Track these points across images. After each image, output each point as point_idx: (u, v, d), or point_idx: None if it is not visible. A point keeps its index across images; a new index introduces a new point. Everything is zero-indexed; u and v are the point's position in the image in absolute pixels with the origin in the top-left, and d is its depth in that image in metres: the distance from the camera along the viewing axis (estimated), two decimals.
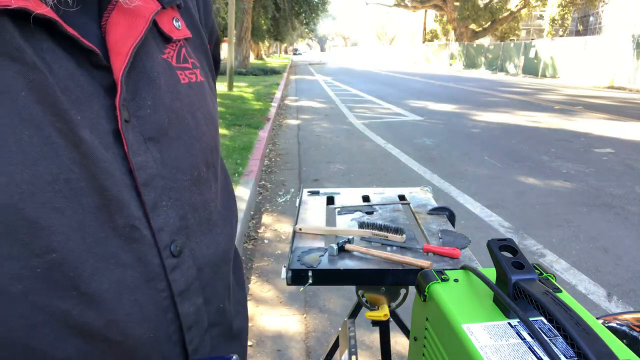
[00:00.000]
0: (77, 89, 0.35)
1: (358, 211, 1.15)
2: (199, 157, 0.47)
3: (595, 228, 3.36)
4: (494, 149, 5.89)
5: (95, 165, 0.35)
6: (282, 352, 1.94)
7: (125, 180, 0.38)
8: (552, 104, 10.74)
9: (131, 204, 0.38)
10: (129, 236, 0.38)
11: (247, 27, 17.25)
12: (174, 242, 0.42)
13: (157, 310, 0.41)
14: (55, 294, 0.34)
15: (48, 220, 0.32)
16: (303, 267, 0.86)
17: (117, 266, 0.37)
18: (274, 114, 7.84)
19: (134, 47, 0.39)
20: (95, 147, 0.35)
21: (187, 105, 0.46)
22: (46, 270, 0.33)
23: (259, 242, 3.01)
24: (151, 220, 0.40)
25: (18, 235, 0.31)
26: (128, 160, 0.38)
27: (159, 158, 0.41)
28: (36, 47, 0.33)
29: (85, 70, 0.36)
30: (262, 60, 31.23)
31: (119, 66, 0.38)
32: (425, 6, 35.69)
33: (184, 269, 0.43)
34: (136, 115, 0.39)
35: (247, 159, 4.47)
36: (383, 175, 4.62)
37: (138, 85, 0.40)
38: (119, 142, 0.38)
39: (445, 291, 0.50)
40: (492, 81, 18.93)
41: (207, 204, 0.49)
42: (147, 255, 0.40)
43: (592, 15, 35.14)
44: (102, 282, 0.36)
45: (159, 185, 0.41)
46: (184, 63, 0.47)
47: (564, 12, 23.56)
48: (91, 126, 0.36)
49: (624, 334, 0.80)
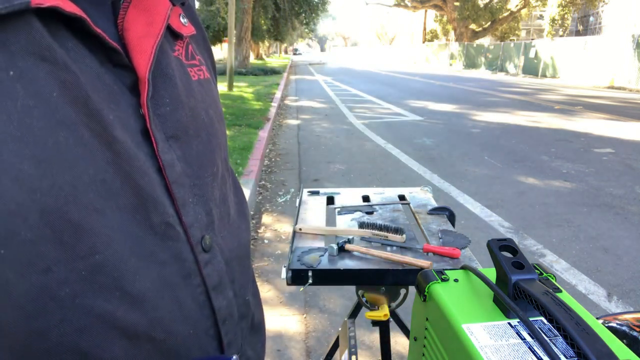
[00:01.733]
0: (105, 88, 0.35)
1: (358, 211, 1.15)
2: (216, 153, 0.47)
3: (595, 228, 3.36)
4: (494, 149, 5.89)
5: (129, 165, 0.35)
6: (282, 352, 1.94)
7: (157, 178, 0.38)
8: (552, 104, 10.74)
9: (165, 201, 0.38)
10: (164, 234, 0.38)
11: (247, 27, 17.25)
12: (204, 238, 0.42)
13: (195, 306, 0.42)
14: (100, 296, 0.34)
15: (90, 222, 0.32)
16: (303, 267, 0.86)
17: (156, 264, 0.38)
18: (274, 114, 7.84)
19: (157, 44, 0.38)
20: (128, 146, 0.35)
21: (200, 103, 0.46)
22: (91, 272, 0.33)
23: (259, 242, 3.01)
24: (183, 217, 0.40)
25: (64, 238, 0.31)
26: (157, 158, 0.38)
27: (181, 156, 0.41)
28: (62, 46, 0.32)
29: (108, 69, 0.36)
30: (262, 60, 31.24)
31: (143, 65, 0.37)
32: (425, 6, 35.70)
33: (215, 263, 0.44)
34: (156, 114, 0.39)
35: (247, 159, 4.47)
36: (383, 175, 4.62)
37: (156, 83, 0.40)
38: (147, 141, 0.38)
39: (445, 291, 0.50)
40: (492, 81, 18.93)
41: (226, 198, 0.50)
42: (182, 252, 0.40)
43: (592, 15, 35.14)
44: (145, 282, 0.36)
45: (185, 182, 0.41)
46: (192, 60, 0.47)
47: (564, 12, 23.56)
48: (122, 125, 0.35)
49: (624, 334, 0.80)
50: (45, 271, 0.30)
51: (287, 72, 20.83)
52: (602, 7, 30.10)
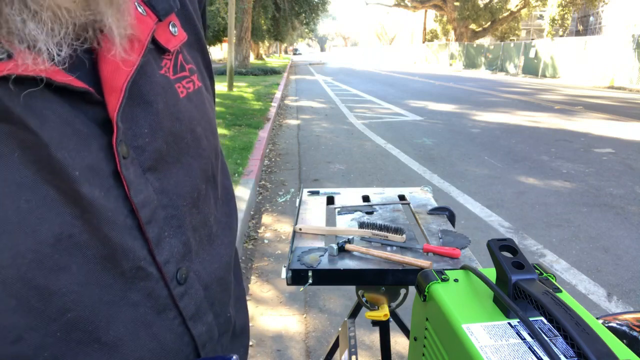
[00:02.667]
0: (74, 135, 0.33)
1: (358, 211, 1.15)
2: (198, 177, 0.45)
3: (595, 228, 3.36)
4: (494, 149, 5.89)
5: (97, 218, 0.34)
6: (282, 352, 1.94)
7: (128, 222, 0.36)
8: (552, 104, 10.74)
9: (135, 246, 0.37)
10: (135, 277, 0.37)
11: (247, 27, 17.25)
12: (179, 271, 0.41)
13: (174, 338, 0.41)
14: (80, 352, 0.33)
15: (57, 282, 0.32)
16: (303, 267, 0.86)
17: (128, 307, 0.37)
18: (274, 114, 7.84)
19: (128, 81, 0.35)
20: (96, 199, 0.33)
21: (187, 123, 0.43)
22: (65, 331, 0.32)
23: (259, 242, 3.01)
24: (156, 257, 0.39)
25: (31, 304, 0.30)
26: (129, 200, 0.36)
27: (158, 187, 0.40)
28: (25, 97, 0.30)
29: (80, 110, 0.34)
30: (262, 60, 31.23)
31: (113, 104, 0.35)
32: (425, 6, 35.69)
33: (191, 293, 0.43)
34: (134, 146, 0.37)
35: (247, 159, 4.47)
36: (383, 175, 4.62)
37: (134, 113, 0.38)
38: (120, 182, 0.36)
39: (445, 291, 0.49)
40: (492, 81, 18.92)
41: (207, 220, 0.48)
42: (154, 289, 0.39)
43: (592, 15, 35.14)
44: (119, 327, 0.36)
45: (160, 217, 0.40)
46: (181, 72, 0.44)
47: (564, 12, 23.55)
48: (90, 176, 0.33)
49: (624, 334, 0.80)
50: (17, 340, 0.30)
51: (287, 72, 20.83)
52: (602, 7, 30.09)
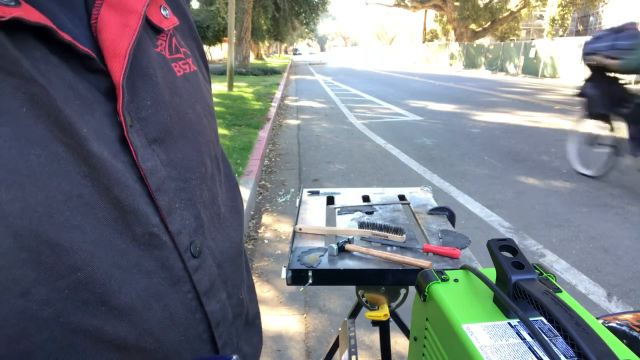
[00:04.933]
0: (77, 98, 0.33)
1: (358, 211, 1.15)
2: (204, 153, 0.46)
3: (595, 228, 3.36)
4: (494, 149, 5.89)
5: (107, 178, 0.34)
6: (282, 352, 1.94)
7: (138, 188, 0.37)
8: (552, 104, 10.74)
9: (147, 211, 0.37)
10: (149, 244, 0.37)
11: (247, 27, 17.25)
12: (192, 243, 0.42)
13: (186, 313, 0.41)
14: (85, 313, 0.33)
15: (69, 239, 0.32)
16: (303, 267, 0.86)
17: (142, 275, 0.37)
18: (274, 114, 7.84)
19: (131, 47, 0.36)
20: (105, 158, 0.34)
21: (186, 100, 0.44)
22: (73, 290, 0.32)
23: (259, 242, 3.01)
24: (168, 225, 0.39)
25: (41, 259, 0.30)
26: (138, 167, 0.37)
27: (165, 160, 0.40)
28: (30, 57, 0.30)
29: (82, 76, 0.34)
30: (262, 60, 31.23)
31: (118, 69, 0.35)
32: (425, 6, 35.69)
33: (205, 268, 0.43)
34: (137, 118, 0.38)
35: (247, 159, 4.47)
36: (383, 175, 4.62)
37: (136, 85, 0.38)
38: (126, 149, 0.36)
39: (445, 291, 0.49)
40: (492, 81, 18.92)
41: (215, 198, 0.48)
42: (169, 260, 0.39)
43: (592, 15, 35.14)
44: (130, 294, 0.36)
45: (170, 188, 0.40)
46: (176, 54, 0.45)
47: (564, 12, 23.56)
48: (97, 137, 0.34)
49: (624, 334, 0.80)
50: (24, 294, 0.30)
51: (287, 72, 20.83)
52: (602, 7, 30.10)
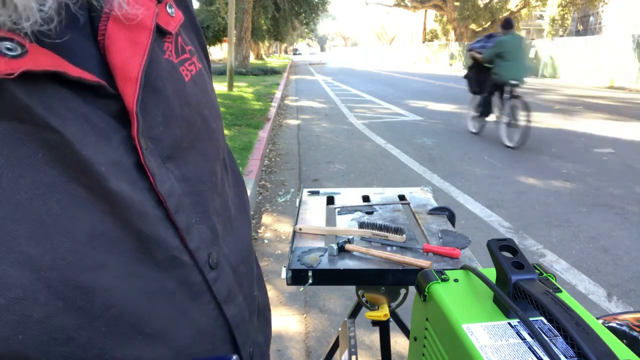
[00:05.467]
0: (93, 131, 0.32)
1: (358, 211, 1.15)
2: (213, 160, 0.45)
3: (595, 228, 3.36)
4: (494, 149, 5.89)
5: (127, 212, 0.33)
6: (282, 352, 1.94)
7: (157, 213, 0.36)
8: (552, 104, 10.74)
9: (167, 235, 0.37)
10: (170, 265, 0.37)
11: (247, 27, 17.25)
12: (210, 256, 0.42)
13: (210, 321, 0.42)
14: (125, 345, 0.34)
15: (98, 279, 0.31)
16: (303, 267, 0.86)
17: (166, 296, 0.37)
18: (274, 114, 7.84)
19: (143, 68, 0.34)
20: (124, 193, 0.33)
21: (194, 107, 0.42)
22: (110, 327, 0.33)
23: (259, 242, 3.01)
24: (188, 244, 0.39)
25: (77, 304, 0.30)
26: (155, 191, 0.36)
27: (179, 176, 0.39)
28: (42, 97, 0.28)
29: (94, 104, 0.32)
30: (262, 60, 31.24)
31: (130, 94, 0.33)
32: (425, 6, 35.69)
33: (223, 277, 0.44)
34: (150, 137, 0.36)
35: (247, 159, 4.47)
36: (383, 175, 4.62)
37: (146, 103, 0.36)
38: (143, 174, 0.35)
39: (445, 291, 0.49)
40: None
41: (226, 202, 0.48)
42: (189, 276, 0.39)
43: (592, 15, 35.14)
44: (160, 317, 0.36)
45: (186, 205, 0.39)
46: (182, 54, 0.43)
47: (564, 12, 23.57)
48: (115, 170, 0.33)
49: (624, 334, 0.80)
50: (67, 341, 0.30)
51: (287, 72, 20.82)
52: (602, 7, 30.09)
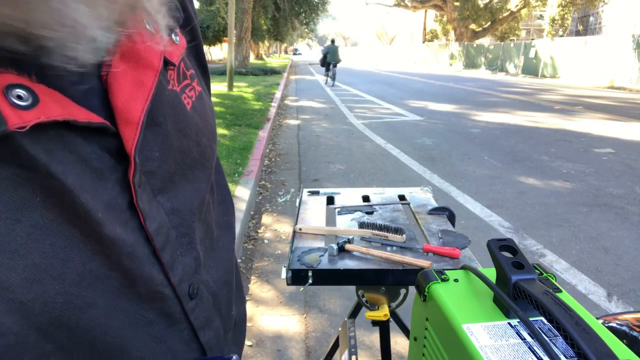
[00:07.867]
0: (91, 172, 0.31)
1: (358, 211, 1.15)
2: (203, 188, 0.44)
3: (595, 228, 3.36)
4: (494, 149, 5.89)
5: (117, 254, 0.33)
6: (282, 352, 1.94)
7: (145, 251, 0.36)
8: (552, 104, 10.74)
9: (153, 272, 0.37)
10: (152, 298, 0.38)
11: (247, 27, 17.25)
12: (191, 286, 0.42)
13: (183, 347, 0.42)
14: None
15: (85, 319, 0.32)
16: (303, 267, 0.86)
17: (144, 325, 0.38)
18: (273, 114, 7.84)
19: (145, 112, 0.33)
20: (117, 236, 0.33)
21: (193, 137, 0.42)
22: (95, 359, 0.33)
23: (259, 242, 3.01)
24: (171, 278, 0.39)
25: (64, 344, 0.31)
26: (145, 230, 0.36)
27: (169, 208, 0.39)
28: (44, 144, 0.28)
29: (94, 143, 0.32)
30: (262, 60, 31.25)
31: (130, 137, 0.33)
32: (425, 6, 35.70)
33: (201, 305, 0.44)
34: (144, 171, 0.36)
35: (247, 159, 4.47)
36: (383, 175, 4.62)
37: (145, 139, 0.36)
38: (135, 212, 0.35)
39: (445, 291, 0.49)
40: (492, 81, 18.92)
41: (210, 228, 0.47)
42: (169, 307, 0.40)
43: (592, 15, 35.14)
44: (140, 348, 0.37)
45: (172, 238, 0.39)
46: (184, 80, 0.42)
47: (564, 12, 23.56)
48: (110, 213, 0.32)
49: (624, 334, 0.80)
50: None
51: (287, 72, 20.83)
52: (602, 7, 30.09)
